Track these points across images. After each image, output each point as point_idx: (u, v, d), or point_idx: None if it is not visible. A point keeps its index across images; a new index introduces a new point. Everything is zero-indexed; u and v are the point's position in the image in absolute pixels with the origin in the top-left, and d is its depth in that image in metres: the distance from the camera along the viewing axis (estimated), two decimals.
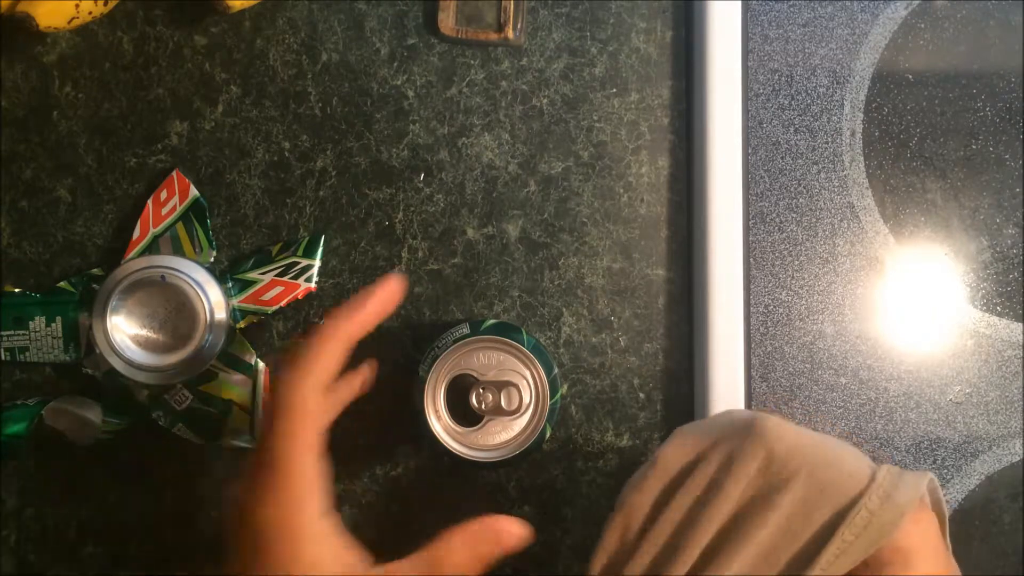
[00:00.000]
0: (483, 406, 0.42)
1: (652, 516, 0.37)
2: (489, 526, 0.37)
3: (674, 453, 0.38)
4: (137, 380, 0.47)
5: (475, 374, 0.42)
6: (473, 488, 0.50)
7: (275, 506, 0.35)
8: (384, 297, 0.39)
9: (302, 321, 0.50)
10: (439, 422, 0.42)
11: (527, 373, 0.42)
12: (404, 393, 0.47)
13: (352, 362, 0.50)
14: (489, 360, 0.42)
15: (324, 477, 0.36)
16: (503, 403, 0.42)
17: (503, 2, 0.50)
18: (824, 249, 0.50)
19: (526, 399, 0.42)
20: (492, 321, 0.44)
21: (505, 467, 0.48)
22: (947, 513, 0.38)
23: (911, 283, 0.50)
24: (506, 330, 0.43)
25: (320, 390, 0.37)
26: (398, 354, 0.50)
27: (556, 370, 0.44)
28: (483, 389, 0.42)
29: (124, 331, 0.47)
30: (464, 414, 0.42)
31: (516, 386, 0.42)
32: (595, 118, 0.51)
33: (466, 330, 0.43)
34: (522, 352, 0.42)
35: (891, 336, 0.50)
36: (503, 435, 0.43)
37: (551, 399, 0.43)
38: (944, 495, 0.49)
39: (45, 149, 0.51)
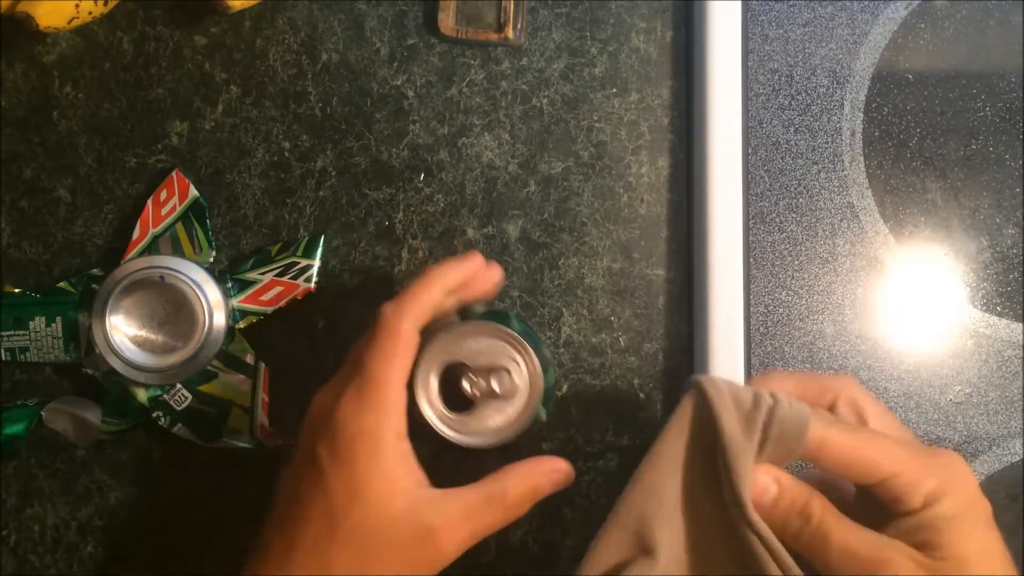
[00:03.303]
0: (475, 391, 0.42)
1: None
2: (542, 462, 0.40)
3: None
4: (137, 380, 0.47)
5: (466, 361, 0.42)
6: None
7: (361, 415, 0.36)
8: (490, 275, 0.41)
9: (302, 321, 0.50)
10: (432, 410, 0.42)
11: (518, 357, 0.42)
12: None
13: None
14: (479, 346, 0.42)
15: (404, 408, 0.38)
16: (495, 387, 0.42)
17: (503, 2, 0.50)
18: (824, 249, 0.50)
19: (518, 382, 0.42)
20: (481, 309, 0.44)
21: (502, 452, 0.48)
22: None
23: (911, 283, 0.50)
24: (495, 316, 0.43)
25: (419, 324, 0.39)
26: None
27: (548, 353, 0.44)
28: (474, 375, 0.42)
29: (124, 331, 0.47)
30: (458, 402, 0.42)
31: (507, 370, 0.42)
32: (595, 118, 0.51)
33: (454, 318, 0.43)
34: (511, 336, 0.42)
35: (891, 336, 0.50)
36: (497, 419, 0.42)
37: (544, 382, 0.42)
38: None
39: (45, 149, 0.51)
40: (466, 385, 0.42)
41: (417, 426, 0.42)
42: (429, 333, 0.42)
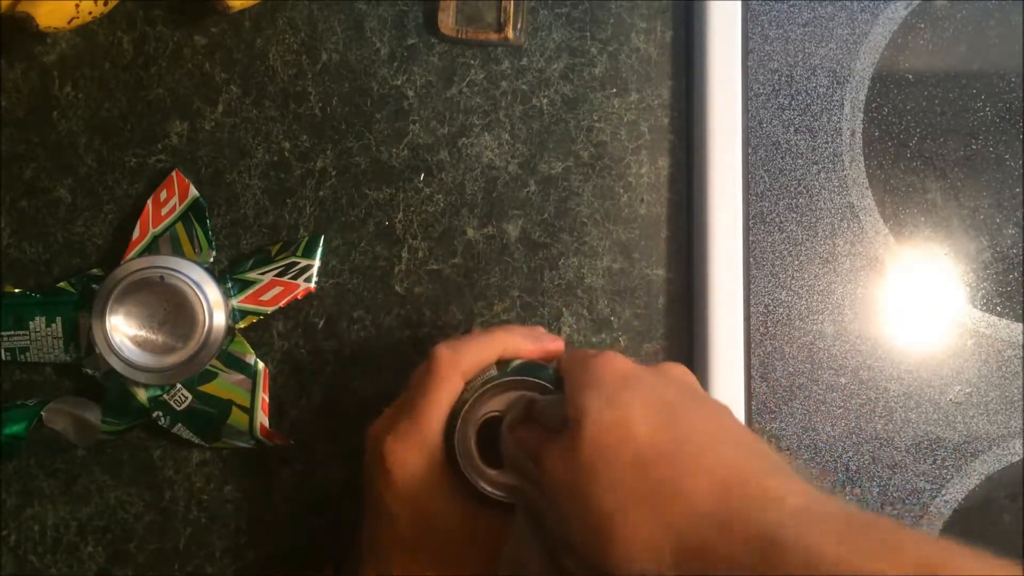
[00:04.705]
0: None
1: None
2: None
3: None
4: (137, 380, 0.47)
5: (496, 413, 0.40)
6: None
7: (407, 456, 0.39)
8: (553, 347, 0.43)
9: (302, 321, 0.50)
10: (471, 465, 0.39)
11: None
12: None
13: (356, 362, 0.50)
14: (510, 397, 0.40)
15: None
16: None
17: (503, 2, 0.50)
18: (824, 249, 0.50)
19: None
20: (518, 361, 0.42)
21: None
22: None
23: (911, 283, 0.50)
24: (533, 369, 0.41)
25: (468, 376, 0.40)
26: (399, 355, 0.50)
27: None
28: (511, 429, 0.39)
29: (123, 331, 0.47)
30: (496, 457, 0.40)
31: None
32: (595, 118, 0.51)
33: (493, 371, 0.41)
34: (542, 387, 0.39)
35: (891, 336, 0.50)
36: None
37: None
38: (944, 495, 0.49)
39: (45, 149, 0.51)
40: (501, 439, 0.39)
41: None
42: (469, 384, 0.40)
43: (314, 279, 0.49)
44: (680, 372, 0.37)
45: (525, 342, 0.42)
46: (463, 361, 0.40)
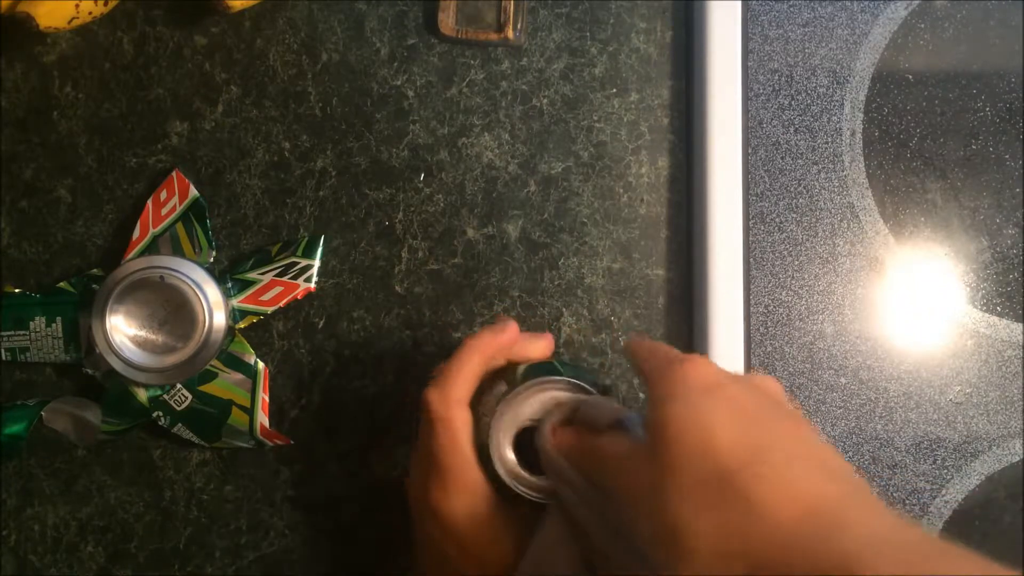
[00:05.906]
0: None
1: None
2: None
3: None
4: (137, 380, 0.47)
5: (533, 422, 0.40)
6: None
7: (454, 504, 0.40)
8: (542, 343, 0.43)
9: (302, 321, 0.50)
10: (517, 481, 0.40)
11: (580, 398, 0.40)
12: (404, 393, 0.48)
13: (358, 366, 0.50)
14: (540, 404, 0.40)
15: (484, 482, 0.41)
16: None
17: (503, 2, 0.50)
18: (824, 249, 0.50)
19: None
20: (524, 367, 0.42)
21: None
22: None
23: (911, 283, 0.50)
24: (540, 369, 0.41)
25: (465, 400, 0.41)
26: (399, 355, 0.50)
27: (605, 380, 0.44)
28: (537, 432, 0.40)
29: (123, 331, 0.47)
30: (533, 462, 0.40)
31: None
32: (595, 118, 0.51)
33: (503, 386, 0.41)
34: (566, 383, 0.40)
35: (891, 336, 0.50)
36: None
37: None
38: (944, 495, 0.49)
39: (45, 149, 0.51)
40: (539, 443, 0.39)
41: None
42: (486, 405, 0.41)
43: (314, 279, 0.49)
44: (767, 383, 0.37)
45: (494, 338, 0.42)
46: (453, 393, 0.40)
